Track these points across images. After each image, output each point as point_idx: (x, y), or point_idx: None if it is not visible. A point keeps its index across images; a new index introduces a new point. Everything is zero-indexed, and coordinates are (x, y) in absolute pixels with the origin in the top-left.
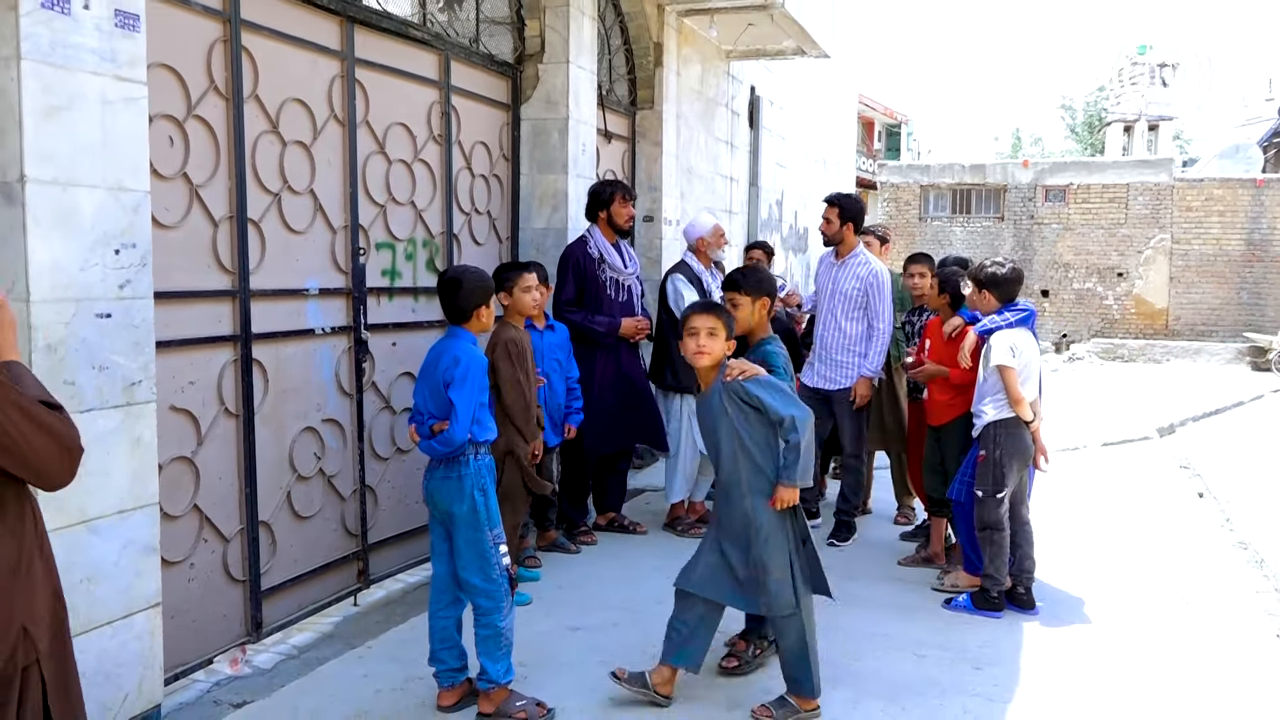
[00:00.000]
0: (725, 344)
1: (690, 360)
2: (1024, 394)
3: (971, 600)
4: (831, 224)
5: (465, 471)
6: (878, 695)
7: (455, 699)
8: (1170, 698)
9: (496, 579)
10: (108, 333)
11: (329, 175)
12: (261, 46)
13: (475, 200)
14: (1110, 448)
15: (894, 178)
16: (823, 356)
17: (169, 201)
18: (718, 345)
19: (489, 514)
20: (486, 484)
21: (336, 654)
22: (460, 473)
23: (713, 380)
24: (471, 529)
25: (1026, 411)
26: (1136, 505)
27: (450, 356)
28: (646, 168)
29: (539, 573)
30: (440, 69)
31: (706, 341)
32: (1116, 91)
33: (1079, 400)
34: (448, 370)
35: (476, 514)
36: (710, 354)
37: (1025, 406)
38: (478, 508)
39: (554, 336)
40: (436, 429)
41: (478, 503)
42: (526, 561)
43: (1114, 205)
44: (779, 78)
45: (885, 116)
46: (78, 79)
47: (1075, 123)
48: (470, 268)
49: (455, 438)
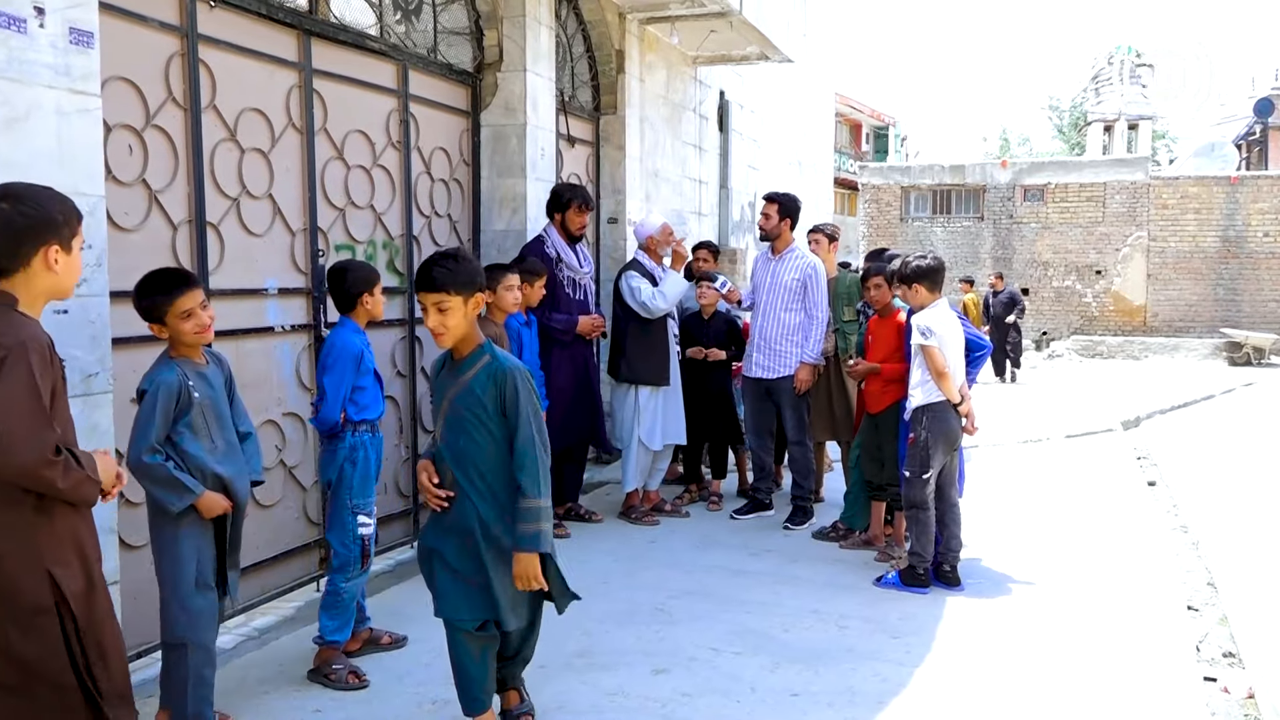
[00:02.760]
0: (468, 311)
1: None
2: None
3: (900, 577)
4: (770, 219)
5: (339, 445)
6: (796, 661)
7: (358, 645)
8: (1064, 663)
9: (350, 544)
10: (65, 328)
11: (287, 181)
12: (219, 59)
13: (435, 203)
14: (1073, 439)
15: (875, 179)
16: (762, 347)
17: (129, 206)
18: (456, 319)
19: (354, 486)
20: (356, 458)
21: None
22: (335, 446)
23: (468, 355)
24: (336, 496)
25: (952, 389)
26: (1085, 493)
27: (326, 344)
28: (610, 171)
29: None
30: (399, 78)
31: (439, 319)
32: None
33: (1053, 395)
34: (324, 357)
35: (343, 483)
36: (451, 330)
37: (949, 382)
38: (345, 477)
39: (529, 332)
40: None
41: (346, 473)
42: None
43: (1091, 204)
44: (750, 82)
45: (872, 119)
46: (34, 92)
47: (1063, 123)
48: (356, 261)
49: (326, 419)
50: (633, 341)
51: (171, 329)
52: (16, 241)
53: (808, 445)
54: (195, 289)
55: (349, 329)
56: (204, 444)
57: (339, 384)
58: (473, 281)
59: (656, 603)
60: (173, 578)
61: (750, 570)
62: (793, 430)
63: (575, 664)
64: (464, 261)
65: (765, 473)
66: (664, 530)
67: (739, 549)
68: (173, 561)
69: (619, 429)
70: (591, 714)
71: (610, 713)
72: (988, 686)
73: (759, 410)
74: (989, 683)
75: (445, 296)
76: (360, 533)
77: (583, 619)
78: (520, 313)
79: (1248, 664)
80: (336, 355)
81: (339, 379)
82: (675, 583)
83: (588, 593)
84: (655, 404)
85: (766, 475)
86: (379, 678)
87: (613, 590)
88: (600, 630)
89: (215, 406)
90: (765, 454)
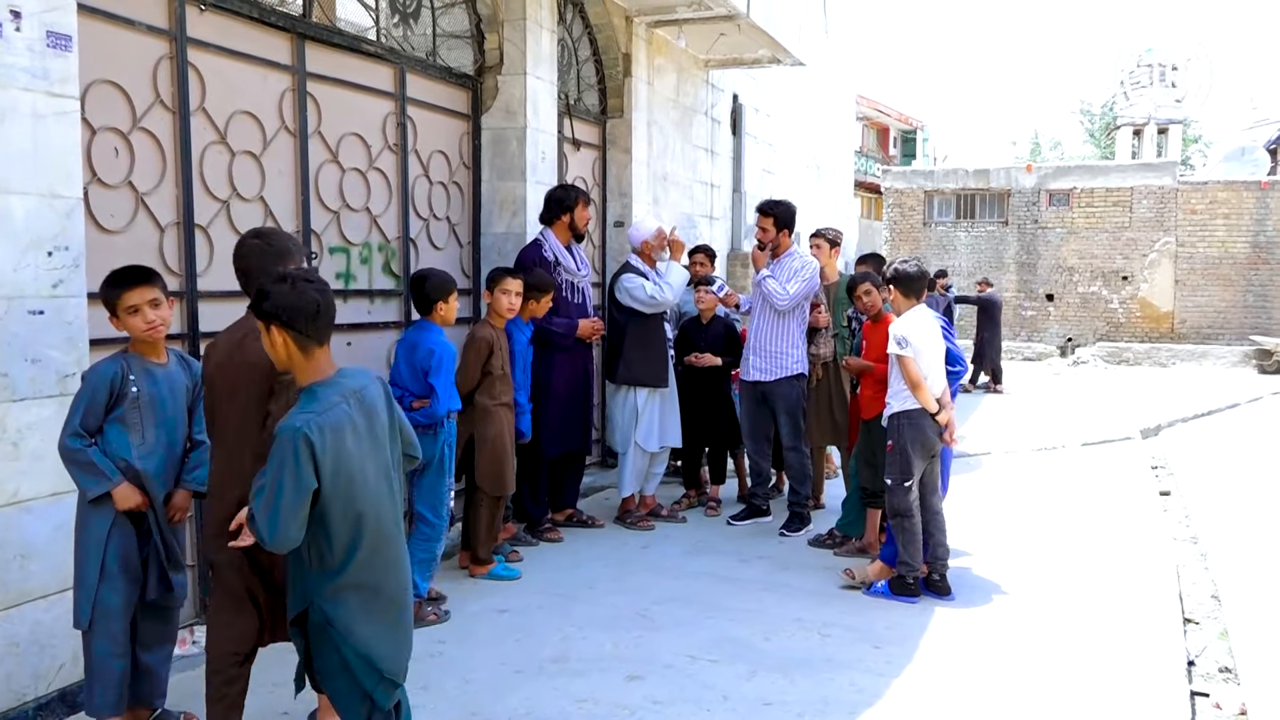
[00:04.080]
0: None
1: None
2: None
3: (889, 586)
4: (768, 232)
5: (439, 432)
6: (773, 670)
7: None
8: (1048, 676)
9: (443, 515)
10: (40, 329)
11: (280, 183)
12: (209, 62)
13: (434, 206)
14: (1089, 448)
15: (898, 183)
16: (758, 350)
17: (114, 208)
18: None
19: (449, 466)
20: (452, 441)
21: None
22: (435, 433)
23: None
24: (435, 475)
25: (927, 398)
26: (1094, 502)
27: (425, 349)
28: (617, 174)
29: (518, 570)
30: (395, 81)
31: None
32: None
33: (1074, 403)
34: (424, 360)
35: (441, 464)
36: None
37: (924, 392)
38: (444, 459)
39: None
40: (416, 405)
41: (444, 455)
42: (509, 556)
43: (1118, 209)
44: (766, 86)
45: (900, 122)
46: (9, 94)
47: (1094, 127)
48: (436, 270)
49: (437, 412)
50: (630, 343)
51: (122, 323)
52: (266, 265)
53: (803, 450)
54: (144, 286)
55: (438, 332)
56: (131, 437)
57: (448, 382)
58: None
59: (640, 608)
60: (80, 562)
61: (739, 577)
62: (788, 435)
63: (549, 669)
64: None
65: (762, 478)
66: (658, 535)
67: (730, 555)
68: (81, 546)
69: (615, 433)
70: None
71: (578, 719)
72: (965, 698)
73: (755, 415)
74: (967, 694)
75: None
76: (452, 506)
77: (563, 624)
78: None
79: (1243, 679)
80: (439, 357)
81: (447, 378)
82: (661, 589)
83: (572, 598)
84: (652, 406)
85: (763, 481)
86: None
87: (598, 595)
88: (579, 635)
89: (157, 404)
90: (762, 459)
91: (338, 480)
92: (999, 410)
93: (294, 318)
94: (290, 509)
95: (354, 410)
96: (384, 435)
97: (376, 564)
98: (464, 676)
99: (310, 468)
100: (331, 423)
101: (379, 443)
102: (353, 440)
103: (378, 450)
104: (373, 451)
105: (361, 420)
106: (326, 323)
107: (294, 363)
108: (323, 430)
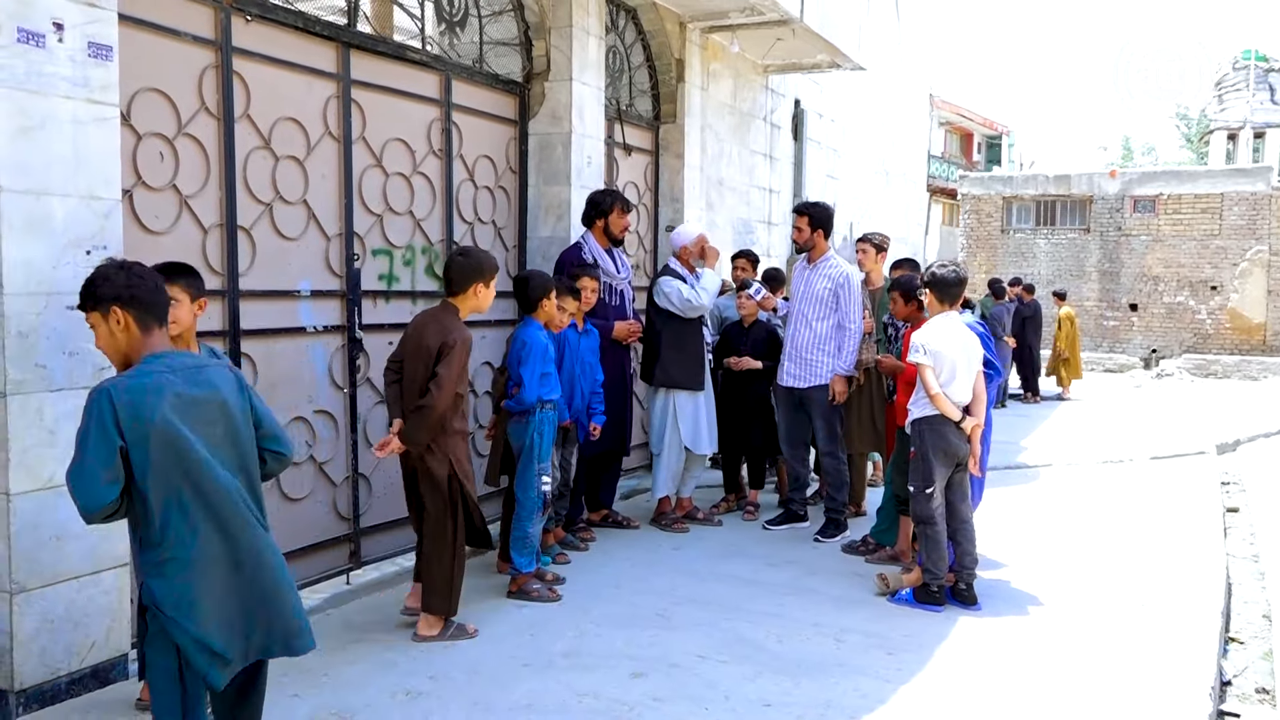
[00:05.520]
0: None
1: None
2: (946, 390)
3: (914, 594)
4: (803, 232)
5: (530, 419)
6: (780, 672)
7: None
8: (1064, 690)
9: (535, 497)
10: (78, 323)
11: (323, 187)
12: (254, 71)
13: (479, 210)
14: (1159, 461)
15: (975, 189)
16: (793, 356)
17: (159, 210)
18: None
19: (540, 451)
20: (544, 430)
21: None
22: (527, 420)
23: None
24: (526, 460)
25: (947, 407)
26: (1155, 516)
27: (519, 341)
28: (669, 179)
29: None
30: (441, 88)
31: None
32: (1219, 98)
33: (1152, 415)
34: (516, 352)
35: (532, 449)
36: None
37: (943, 402)
38: (535, 445)
39: (587, 339)
40: (513, 392)
41: (535, 441)
42: (556, 558)
43: (1207, 216)
44: (830, 91)
45: (984, 127)
46: (51, 102)
47: (1190, 132)
48: (536, 271)
49: (526, 400)
50: (667, 346)
51: None
52: (465, 278)
53: (840, 456)
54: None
55: (534, 327)
56: None
57: (534, 372)
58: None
59: (659, 608)
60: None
61: (764, 580)
62: (824, 441)
63: (558, 664)
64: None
65: (799, 484)
66: (691, 538)
67: (759, 559)
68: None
69: (651, 435)
70: (557, 713)
71: (575, 713)
72: (970, 708)
73: (792, 420)
74: (973, 704)
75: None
76: (542, 488)
77: (580, 621)
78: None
79: (1279, 701)
80: (529, 349)
81: (534, 368)
82: (684, 589)
83: (595, 596)
84: (692, 409)
85: (800, 486)
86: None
87: (621, 594)
88: (595, 632)
89: None
90: (799, 464)
91: (150, 444)
92: (1071, 421)
93: (136, 297)
94: (94, 463)
95: (180, 382)
96: (225, 415)
97: (211, 539)
98: (473, 668)
99: (113, 425)
100: (140, 385)
101: (213, 419)
102: (173, 408)
103: (211, 426)
104: (204, 426)
105: (189, 391)
106: (164, 304)
107: (133, 342)
108: (128, 390)
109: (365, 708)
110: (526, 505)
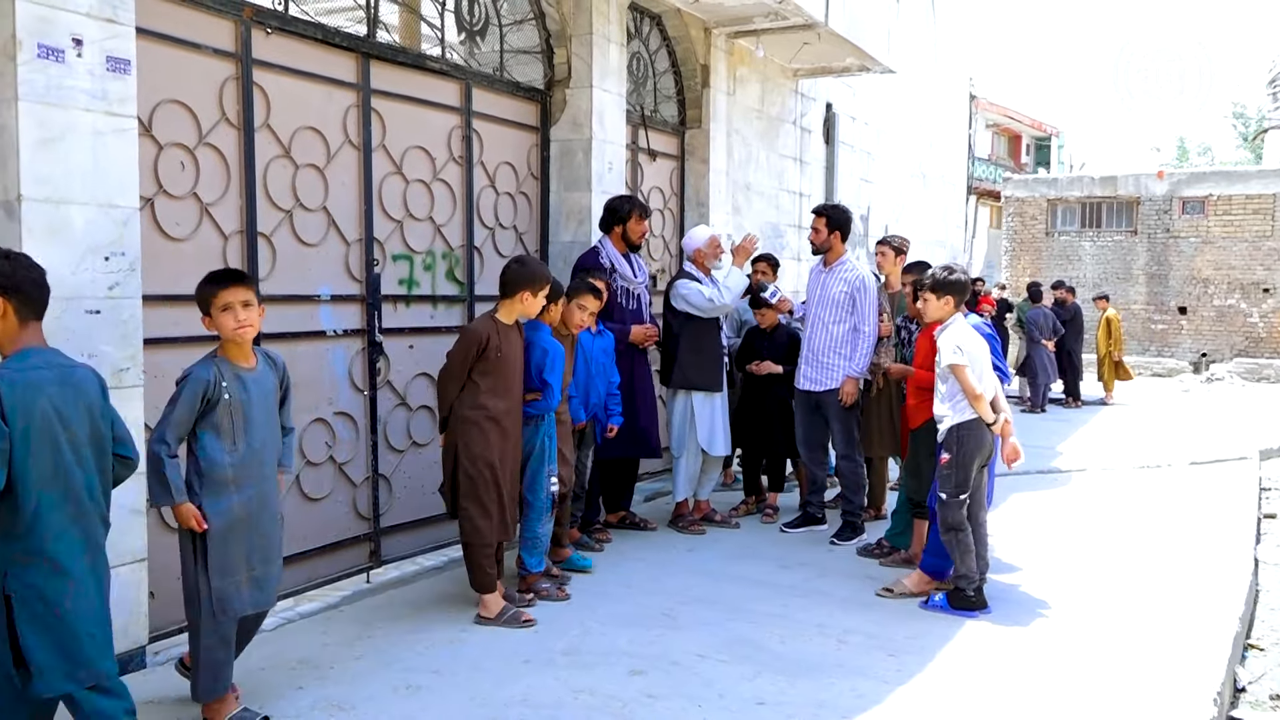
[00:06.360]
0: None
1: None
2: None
3: (948, 600)
4: (819, 233)
5: (541, 423)
6: (779, 672)
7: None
8: (1065, 694)
9: (544, 498)
10: (96, 326)
11: (343, 194)
12: (274, 82)
13: (500, 216)
14: (1198, 467)
15: (1018, 191)
16: (810, 359)
17: (180, 217)
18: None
19: (549, 453)
20: (553, 433)
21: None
22: (537, 423)
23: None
24: (536, 463)
25: (986, 409)
26: (1187, 522)
27: (540, 349)
28: (694, 184)
29: (590, 560)
30: (461, 96)
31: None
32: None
33: (1197, 420)
34: (539, 358)
35: (542, 453)
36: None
37: (984, 404)
38: (543, 449)
39: (601, 341)
40: (529, 398)
41: (544, 446)
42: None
43: (1259, 217)
44: (863, 94)
45: (1033, 129)
46: (70, 115)
47: (1248, 131)
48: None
49: (551, 406)
50: (684, 348)
51: (214, 321)
52: (514, 284)
53: (856, 460)
54: (239, 286)
55: (545, 332)
56: (223, 443)
57: (558, 381)
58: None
59: (666, 608)
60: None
61: (775, 582)
62: (840, 444)
63: (558, 661)
64: None
65: (817, 486)
66: (707, 540)
67: (772, 561)
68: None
69: (671, 438)
70: (551, 709)
71: (570, 709)
72: (965, 710)
73: (809, 423)
74: (969, 706)
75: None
76: (551, 490)
77: (586, 619)
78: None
79: None
80: (552, 356)
81: (558, 377)
82: (694, 590)
83: (603, 595)
84: (709, 411)
85: (818, 489)
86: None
87: (631, 594)
88: (599, 631)
89: (247, 411)
90: (817, 467)
91: (30, 438)
92: (1111, 426)
93: (19, 286)
94: None
95: (53, 379)
96: (87, 417)
97: (68, 537)
98: (476, 664)
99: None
100: (25, 380)
101: (77, 421)
102: (47, 404)
103: (77, 426)
104: (70, 425)
105: (57, 391)
106: (44, 299)
107: (9, 331)
108: (15, 385)
109: (366, 700)
110: (536, 507)
